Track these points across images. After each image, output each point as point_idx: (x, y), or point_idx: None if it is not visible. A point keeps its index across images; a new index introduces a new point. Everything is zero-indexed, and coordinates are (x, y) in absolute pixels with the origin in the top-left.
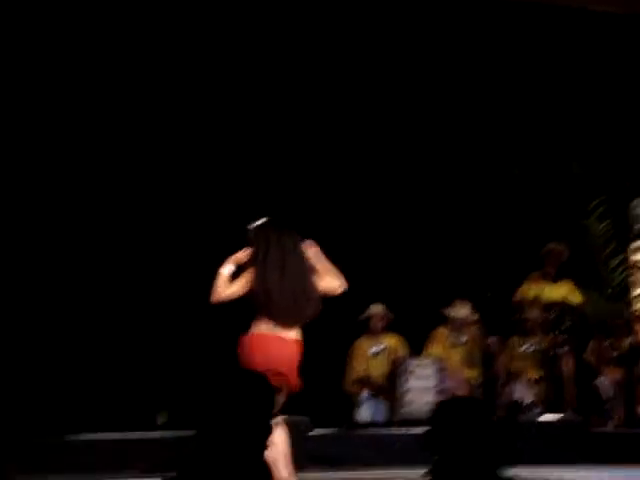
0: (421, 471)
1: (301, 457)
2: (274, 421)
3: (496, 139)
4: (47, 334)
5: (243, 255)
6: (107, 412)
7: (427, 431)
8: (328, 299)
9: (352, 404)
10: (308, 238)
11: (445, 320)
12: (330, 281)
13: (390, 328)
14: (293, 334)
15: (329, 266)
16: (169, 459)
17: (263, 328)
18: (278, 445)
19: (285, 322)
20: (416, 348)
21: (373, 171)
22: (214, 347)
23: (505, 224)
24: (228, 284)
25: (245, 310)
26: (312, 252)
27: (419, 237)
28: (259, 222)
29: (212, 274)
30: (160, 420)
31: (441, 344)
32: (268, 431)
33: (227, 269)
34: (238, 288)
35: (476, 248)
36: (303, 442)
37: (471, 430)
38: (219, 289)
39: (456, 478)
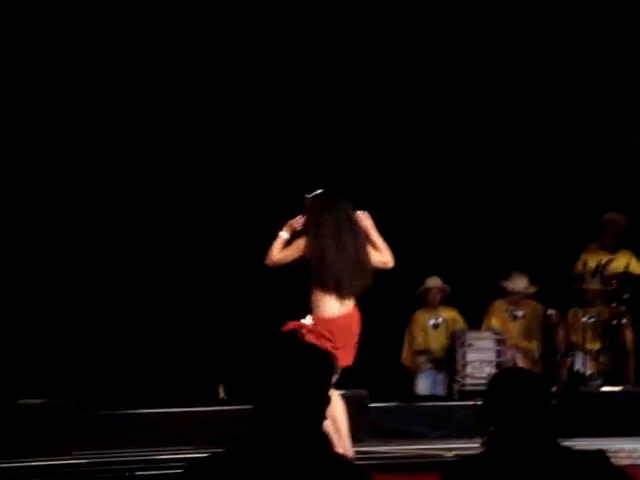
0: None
1: (360, 430)
2: (333, 393)
3: (551, 107)
4: (115, 310)
5: (298, 222)
6: (170, 387)
7: (482, 403)
8: (386, 272)
9: (411, 377)
10: (363, 210)
11: (503, 293)
12: (381, 255)
13: (447, 301)
14: (351, 307)
15: (381, 240)
16: (230, 432)
17: (329, 303)
18: (337, 418)
19: (337, 290)
20: (473, 321)
21: (429, 144)
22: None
23: (563, 194)
24: (282, 248)
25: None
26: (366, 224)
27: (476, 209)
28: (316, 192)
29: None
30: (221, 394)
31: (499, 316)
32: (326, 402)
33: (284, 233)
34: (291, 253)
35: (533, 219)
36: (362, 415)
37: (525, 401)
38: (274, 251)
39: (511, 449)
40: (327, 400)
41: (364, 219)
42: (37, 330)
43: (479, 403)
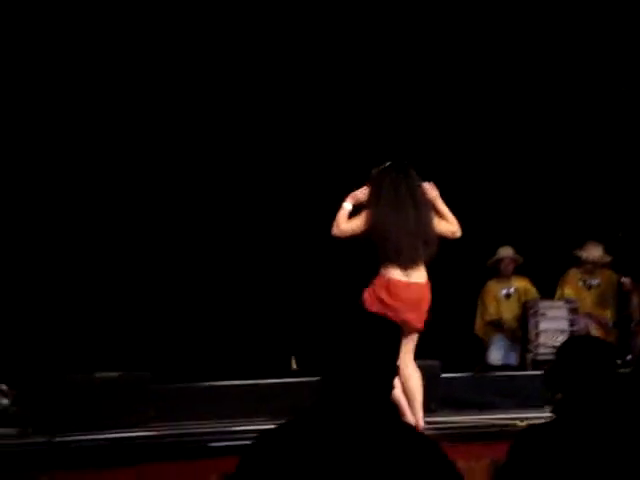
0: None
1: (432, 400)
2: (410, 364)
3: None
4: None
5: (362, 194)
6: (242, 359)
7: (550, 368)
8: (458, 242)
9: (484, 347)
10: (429, 181)
11: (577, 262)
12: (448, 225)
13: (519, 271)
14: (421, 277)
15: (447, 210)
16: (303, 404)
17: (394, 273)
18: (412, 388)
19: (402, 262)
20: (546, 291)
21: (497, 117)
22: (340, 290)
23: (637, 162)
24: (348, 219)
25: (366, 256)
26: (432, 195)
27: (549, 178)
28: (384, 165)
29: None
30: (293, 366)
31: (573, 286)
32: (394, 372)
33: (347, 204)
34: (357, 225)
35: (606, 188)
36: (434, 386)
37: (592, 369)
38: (340, 222)
39: (579, 417)
40: (394, 370)
41: (430, 190)
42: (110, 305)
43: (548, 371)
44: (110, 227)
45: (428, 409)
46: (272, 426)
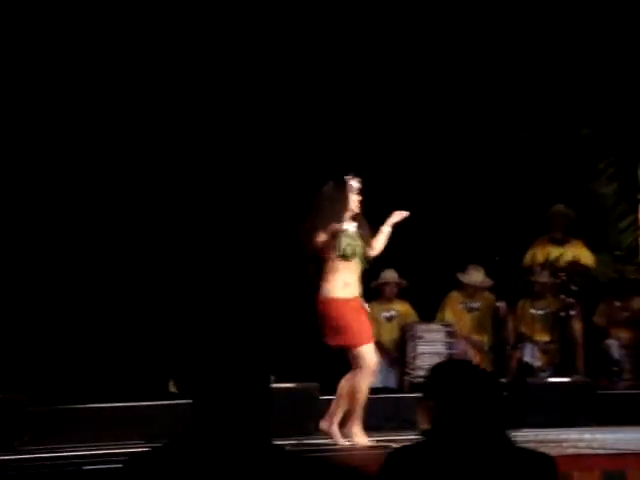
0: None
1: (312, 422)
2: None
3: (503, 101)
4: (64, 304)
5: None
6: (120, 382)
7: (423, 393)
8: None
9: None
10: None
11: (458, 285)
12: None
13: (403, 295)
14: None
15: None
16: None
17: None
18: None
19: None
20: (427, 315)
21: (384, 136)
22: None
23: (514, 187)
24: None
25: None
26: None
27: (429, 203)
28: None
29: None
30: (171, 388)
31: (454, 308)
32: (269, 395)
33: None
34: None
35: (484, 212)
36: (313, 408)
37: (464, 392)
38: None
39: (449, 438)
40: (269, 393)
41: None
42: None
43: (420, 393)
44: None
45: (307, 431)
46: (146, 449)
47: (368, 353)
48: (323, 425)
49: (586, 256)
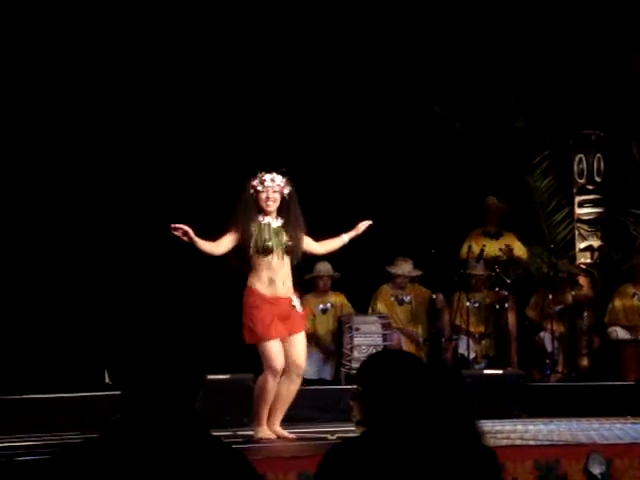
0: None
1: (246, 415)
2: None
3: (438, 92)
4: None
5: None
6: (56, 373)
7: (355, 384)
8: None
9: None
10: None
11: (389, 278)
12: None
13: (336, 287)
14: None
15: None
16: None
17: None
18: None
19: None
20: (361, 306)
21: (315, 129)
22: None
23: (449, 180)
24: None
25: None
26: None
27: (362, 196)
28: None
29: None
30: (107, 379)
31: (386, 301)
32: (200, 382)
33: None
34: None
35: (419, 205)
36: (248, 399)
37: (396, 380)
38: None
39: (390, 432)
40: (200, 380)
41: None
42: None
43: (354, 386)
44: None
45: (241, 423)
46: (79, 440)
47: (271, 353)
48: (257, 435)
49: (519, 248)
